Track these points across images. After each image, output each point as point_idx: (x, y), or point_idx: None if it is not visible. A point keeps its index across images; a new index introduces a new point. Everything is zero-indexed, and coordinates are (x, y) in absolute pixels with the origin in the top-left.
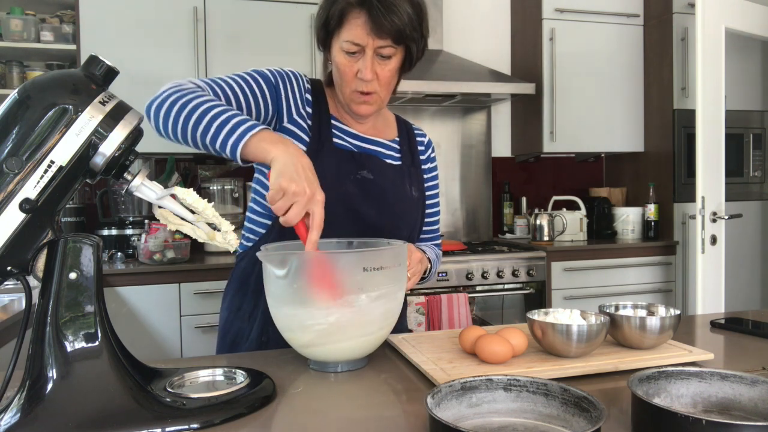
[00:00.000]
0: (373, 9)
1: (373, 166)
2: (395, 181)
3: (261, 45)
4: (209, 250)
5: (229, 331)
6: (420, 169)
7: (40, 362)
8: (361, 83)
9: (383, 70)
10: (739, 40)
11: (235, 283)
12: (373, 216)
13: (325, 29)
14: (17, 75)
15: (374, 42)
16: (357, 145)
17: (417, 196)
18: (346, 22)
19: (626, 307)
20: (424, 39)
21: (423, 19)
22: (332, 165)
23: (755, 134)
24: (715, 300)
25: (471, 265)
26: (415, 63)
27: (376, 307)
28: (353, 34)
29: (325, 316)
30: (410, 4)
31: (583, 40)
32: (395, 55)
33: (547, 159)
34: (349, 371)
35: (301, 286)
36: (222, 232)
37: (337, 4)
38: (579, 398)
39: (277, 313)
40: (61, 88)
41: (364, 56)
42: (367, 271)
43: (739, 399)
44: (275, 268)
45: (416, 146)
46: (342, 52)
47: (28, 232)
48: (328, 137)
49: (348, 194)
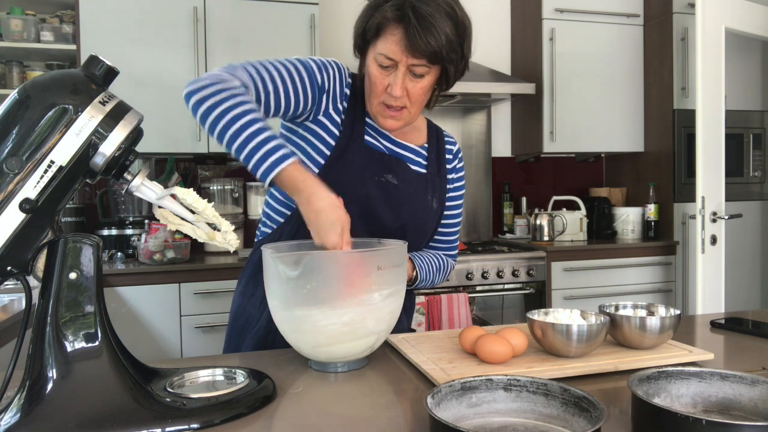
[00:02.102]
0: (410, 27)
1: (399, 171)
2: (417, 190)
3: (261, 45)
4: (209, 250)
5: (240, 315)
6: (445, 179)
7: (40, 362)
8: (390, 98)
9: (414, 87)
10: (739, 40)
11: (250, 269)
12: (388, 220)
13: (362, 38)
14: (17, 75)
15: (408, 60)
16: (388, 147)
17: (436, 207)
18: (383, 35)
19: (626, 307)
20: (465, 59)
21: (465, 39)
22: (359, 163)
23: (755, 134)
24: (715, 300)
25: (471, 265)
26: (453, 82)
27: (387, 305)
28: (388, 48)
29: (339, 316)
30: (452, 23)
31: (583, 40)
32: (429, 73)
33: (547, 159)
34: (350, 371)
35: (315, 286)
36: (222, 232)
37: (375, 17)
38: (579, 398)
39: (285, 315)
40: (61, 88)
41: (397, 71)
42: (381, 269)
43: (739, 399)
44: (287, 268)
45: (444, 154)
46: (375, 64)
47: (28, 232)
48: (360, 134)
49: (368, 195)
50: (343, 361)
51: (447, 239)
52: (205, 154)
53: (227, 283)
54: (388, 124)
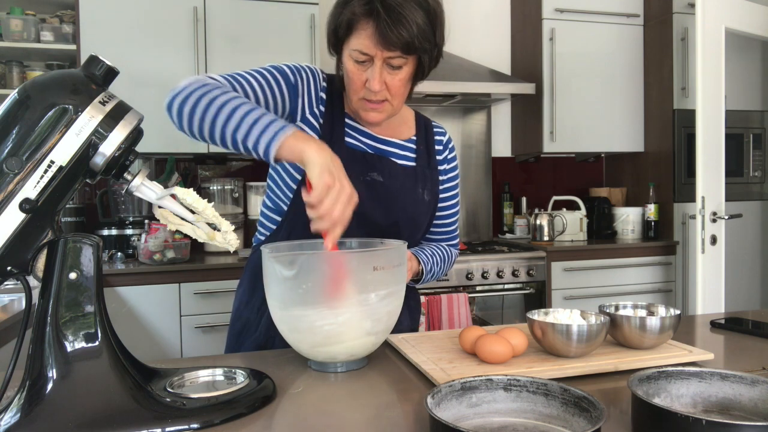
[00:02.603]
0: (381, 20)
1: (383, 168)
2: (405, 184)
3: (261, 45)
4: (209, 250)
5: (238, 320)
6: (436, 170)
7: (40, 362)
8: (370, 93)
9: (393, 80)
10: (739, 40)
11: (248, 274)
12: (379, 218)
13: (335, 35)
14: (17, 75)
15: (383, 53)
16: (370, 145)
17: (429, 199)
18: (355, 32)
19: (626, 307)
20: (438, 47)
21: (436, 27)
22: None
23: (755, 134)
24: (715, 300)
25: (471, 265)
26: (428, 71)
27: (384, 306)
28: (361, 44)
29: (335, 316)
30: (423, 12)
31: (583, 40)
32: (406, 64)
33: (547, 159)
34: (349, 371)
35: (311, 286)
36: (222, 232)
37: (344, 14)
38: (579, 398)
39: (283, 315)
40: (61, 88)
41: (373, 66)
42: (377, 270)
43: (739, 399)
44: (284, 268)
45: (434, 146)
46: (351, 60)
47: (28, 232)
48: (340, 136)
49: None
50: (342, 362)
51: (447, 229)
52: (205, 154)
53: (227, 283)
54: (371, 117)
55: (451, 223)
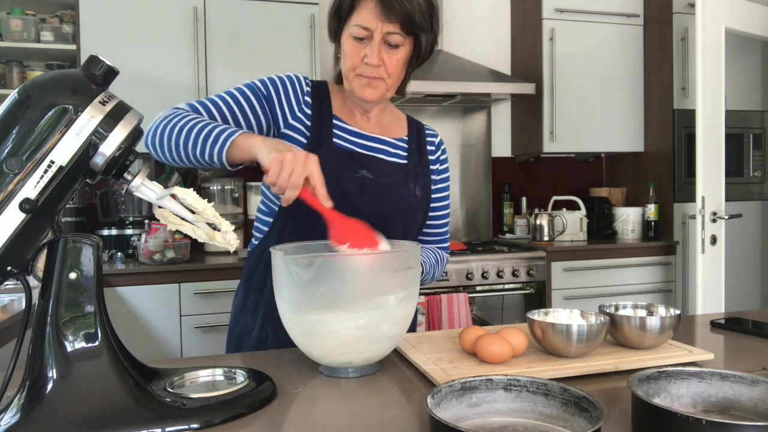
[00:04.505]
0: None
1: (373, 166)
2: (396, 181)
3: (261, 45)
4: (209, 250)
5: (236, 326)
6: (428, 168)
7: (40, 362)
8: (367, 68)
9: (390, 59)
10: (739, 40)
11: (243, 279)
12: (371, 214)
13: (337, 17)
14: (17, 75)
15: (383, 26)
16: (360, 144)
17: (421, 195)
18: (357, 10)
19: (626, 307)
20: (434, 33)
21: (434, 12)
22: (330, 164)
23: (755, 134)
24: (715, 300)
25: (471, 265)
26: (423, 57)
27: (402, 308)
28: (363, 18)
29: (354, 320)
30: None
31: (583, 40)
32: (403, 44)
33: (547, 159)
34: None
35: (330, 289)
36: (222, 232)
37: None
38: (579, 398)
39: (296, 319)
40: (61, 88)
41: (372, 42)
42: (396, 272)
43: (739, 399)
44: (300, 270)
45: (426, 146)
46: (351, 38)
47: (28, 232)
48: (328, 137)
49: (346, 193)
50: (356, 366)
51: (437, 231)
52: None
53: (227, 283)
54: (366, 94)
55: (441, 225)
